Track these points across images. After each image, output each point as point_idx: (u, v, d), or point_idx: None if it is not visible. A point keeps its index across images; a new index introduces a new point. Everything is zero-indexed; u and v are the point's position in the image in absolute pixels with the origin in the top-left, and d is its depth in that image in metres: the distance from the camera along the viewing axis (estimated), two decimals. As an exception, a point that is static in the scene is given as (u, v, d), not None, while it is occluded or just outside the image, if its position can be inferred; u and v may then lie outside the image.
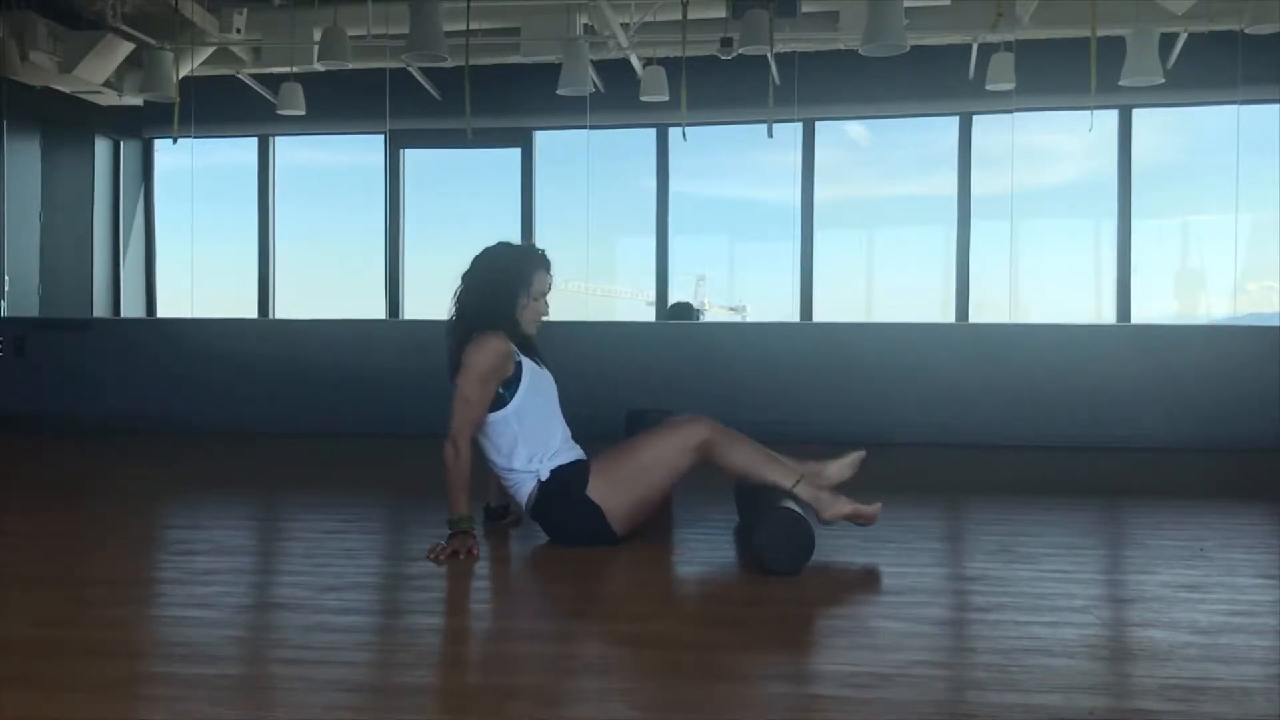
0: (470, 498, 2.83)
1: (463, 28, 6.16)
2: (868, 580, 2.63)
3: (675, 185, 8.62)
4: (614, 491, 2.84)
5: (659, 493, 2.91)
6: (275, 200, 9.24)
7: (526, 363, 2.94)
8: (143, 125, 8.99)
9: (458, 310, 2.97)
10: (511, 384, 2.89)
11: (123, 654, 1.98)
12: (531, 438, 2.90)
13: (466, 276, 3.00)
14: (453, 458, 2.80)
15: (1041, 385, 5.88)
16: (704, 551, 2.97)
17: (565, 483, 2.86)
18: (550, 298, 3.05)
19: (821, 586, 2.50)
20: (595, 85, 7.33)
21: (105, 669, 1.86)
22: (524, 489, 2.92)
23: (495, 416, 2.89)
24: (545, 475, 2.88)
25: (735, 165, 9.51)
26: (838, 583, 2.55)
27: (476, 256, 3.02)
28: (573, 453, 2.96)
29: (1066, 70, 6.86)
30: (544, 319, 3.05)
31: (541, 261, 3.02)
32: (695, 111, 7.01)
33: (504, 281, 2.96)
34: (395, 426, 6.04)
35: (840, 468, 3.03)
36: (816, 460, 3.03)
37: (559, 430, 2.97)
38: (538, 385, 2.95)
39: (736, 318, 9.83)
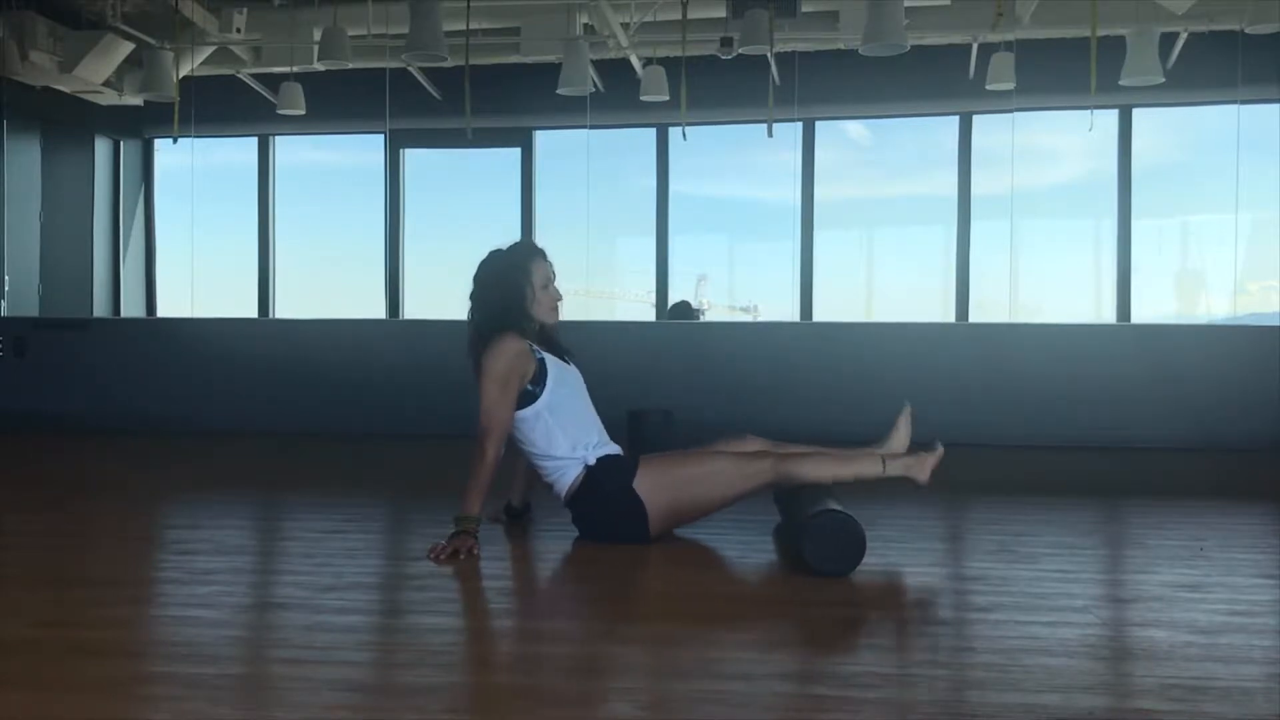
0: (486, 500, 2.83)
1: (463, 28, 6.16)
2: (869, 580, 2.62)
3: (675, 185, 8.62)
4: (658, 490, 2.83)
5: (699, 507, 2.90)
6: (275, 200, 9.24)
7: (549, 358, 2.95)
8: (143, 125, 9.00)
9: (473, 326, 2.98)
10: (538, 380, 2.90)
11: (123, 654, 1.98)
12: (569, 429, 2.91)
13: (472, 295, 3.01)
14: (478, 458, 2.81)
15: (1041, 385, 5.88)
16: (708, 551, 2.97)
17: (613, 471, 2.86)
18: (558, 284, 3.05)
19: (823, 586, 2.50)
20: (595, 85, 7.32)
21: (105, 669, 1.85)
22: (568, 476, 2.90)
23: (527, 412, 2.89)
24: (593, 461, 2.88)
25: (735, 165, 9.51)
26: (839, 582, 2.55)
27: (475, 272, 3.03)
28: (614, 447, 2.97)
29: (1066, 70, 6.86)
30: (560, 309, 3.04)
31: (535, 250, 3.04)
32: (695, 111, 7.02)
33: (506, 283, 2.96)
34: (395, 426, 6.04)
35: (900, 438, 3.03)
36: (876, 444, 3.02)
37: (594, 425, 2.98)
38: (564, 379, 2.96)
39: (747, 318, 9.81)
